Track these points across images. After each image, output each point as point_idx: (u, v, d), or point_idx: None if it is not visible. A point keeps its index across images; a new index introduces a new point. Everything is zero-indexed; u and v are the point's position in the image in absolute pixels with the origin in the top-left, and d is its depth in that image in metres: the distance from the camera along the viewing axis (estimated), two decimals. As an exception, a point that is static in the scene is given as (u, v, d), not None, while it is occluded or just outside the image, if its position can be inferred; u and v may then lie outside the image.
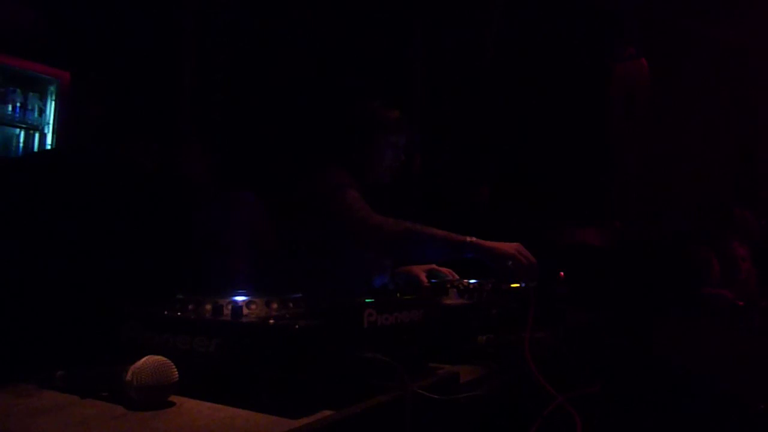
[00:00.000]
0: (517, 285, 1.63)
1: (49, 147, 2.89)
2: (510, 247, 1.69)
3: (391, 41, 3.59)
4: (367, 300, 1.01)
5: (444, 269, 1.96)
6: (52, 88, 2.92)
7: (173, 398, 0.90)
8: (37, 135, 2.93)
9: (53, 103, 2.92)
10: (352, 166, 2.04)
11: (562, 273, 1.91)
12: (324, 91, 2.87)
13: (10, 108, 2.83)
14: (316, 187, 1.95)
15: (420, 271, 1.96)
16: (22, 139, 2.91)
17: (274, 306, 1.01)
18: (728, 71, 3.30)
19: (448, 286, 1.48)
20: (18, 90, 2.86)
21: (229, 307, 0.96)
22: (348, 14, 3.25)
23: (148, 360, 0.88)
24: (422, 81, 3.78)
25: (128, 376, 0.87)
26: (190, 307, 1.02)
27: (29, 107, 2.89)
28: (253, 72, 2.86)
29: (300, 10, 3.06)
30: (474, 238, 1.71)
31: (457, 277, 1.89)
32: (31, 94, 2.90)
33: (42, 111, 2.92)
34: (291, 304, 1.03)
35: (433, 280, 1.67)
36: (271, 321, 0.90)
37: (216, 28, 2.83)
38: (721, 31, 3.28)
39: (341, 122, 2.11)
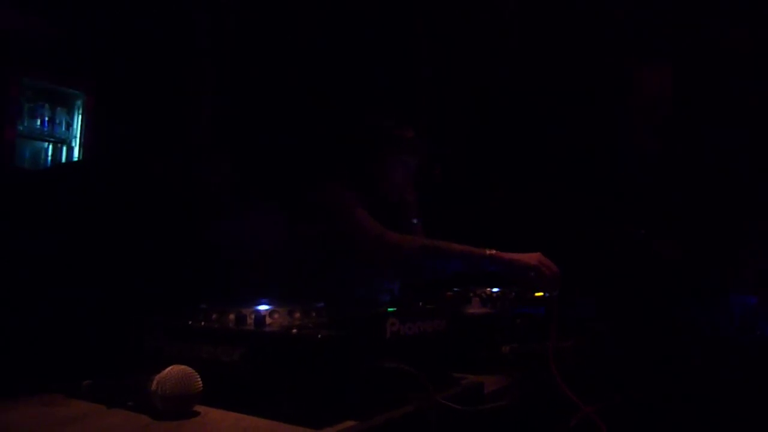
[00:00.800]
0: (541, 294, 1.61)
1: (75, 159, 2.95)
2: (531, 257, 1.65)
3: (401, 46, 3.59)
4: (389, 309, 1.01)
5: None
6: (78, 103, 2.99)
7: (198, 408, 0.90)
8: (64, 148, 2.99)
9: (80, 116, 2.99)
10: (361, 182, 2.00)
11: (586, 282, 1.89)
12: (338, 106, 2.88)
13: (38, 122, 2.90)
14: (321, 205, 1.90)
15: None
16: (50, 153, 2.97)
17: (297, 315, 1.01)
18: (752, 76, 3.23)
19: (471, 294, 1.47)
20: (46, 105, 2.93)
21: (252, 316, 0.97)
22: (359, 26, 3.28)
23: (172, 370, 0.88)
24: (432, 84, 3.77)
25: (153, 386, 0.87)
26: (213, 316, 1.02)
27: (57, 121, 2.96)
28: (269, 83, 2.90)
29: (313, 23, 3.09)
30: (494, 251, 1.67)
31: None
32: (59, 108, 2.97)
33: (69, 125, 2.99)
34: (314, 314, 1.03)
35: (455, 289, 1.65)
36: (294, 330, 0.90)
37: (233, 42, 2.87)
38: (744, 34, 3.21)
39: (354, 138, 2.09)
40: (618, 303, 2.12)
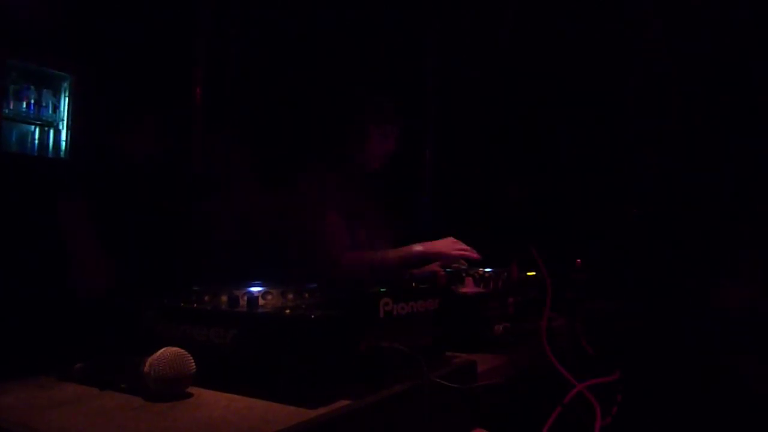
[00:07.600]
0: (534, 273, 1.62)
1: (63, 143, 2.91)
2: (446, 242, 1.93)
3: (404, 34, 3.56)
4: (382, 290, 1.01)
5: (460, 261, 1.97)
6: (65, 85, 2.93)
7: (191, 389, 0.90)
8: (51, 131, 2.95)
9: (67, 99, 2.94)
10: (342, 155, 2.10)
11: (578, 261, 1.90)
12: (321, 84, 2.87)
13: (24, 105, 2.85)
14: (300, 195, 2.01)
15: (436, 267, 1.98)
16: (37, 136, 2.93)
17: (290, 297, 1.01)
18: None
19: (464, 275, 1.47)
20: (32, 87, 2.88)
21: (245, 298, 0.96)
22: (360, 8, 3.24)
23: (165, 351, 0.88)
24: (435, 73, 3.75)
25: (146, 368, 0.87)
26: (206, 298, 1.02)
27: (43, 104, 2.90)
28: (266, 65, 2.86)
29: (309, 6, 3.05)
30: (420, 246, 1.92)
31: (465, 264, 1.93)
32: (45, 90, 2.92)
33: (56, 107, 2.94)
34: (306, 295, 1.03)
35: (448, 270, 1.65)
36: (287, 311, 0.89)
37: (229, 24, 2.83)
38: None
39: (333, 112, 2.16)
40: (616, 282, 2.14)
